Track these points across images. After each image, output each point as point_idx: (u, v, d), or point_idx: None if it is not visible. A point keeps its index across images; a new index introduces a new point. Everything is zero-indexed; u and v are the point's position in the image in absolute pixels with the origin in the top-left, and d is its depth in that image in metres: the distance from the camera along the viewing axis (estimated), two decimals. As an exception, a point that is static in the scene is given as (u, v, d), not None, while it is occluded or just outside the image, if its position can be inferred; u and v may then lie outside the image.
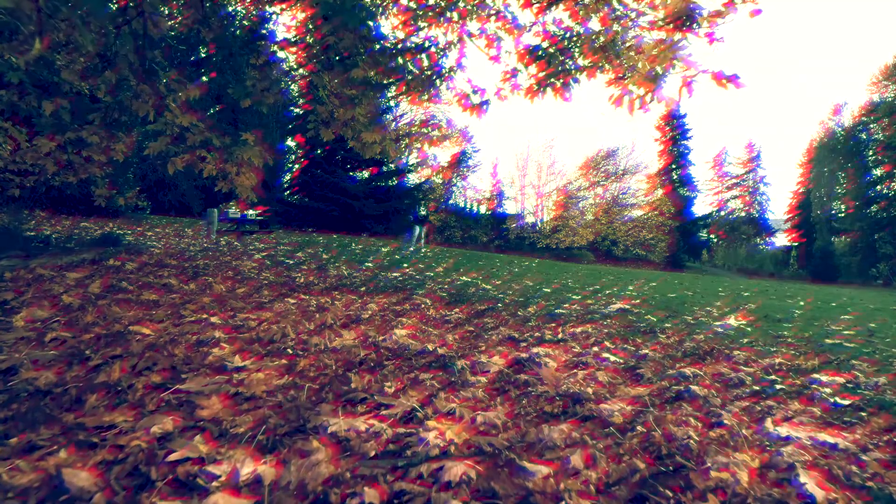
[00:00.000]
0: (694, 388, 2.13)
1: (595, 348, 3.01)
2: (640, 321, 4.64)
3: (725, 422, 1.74)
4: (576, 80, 4.57)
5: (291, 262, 7.32)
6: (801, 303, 8.29)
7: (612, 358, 2.79)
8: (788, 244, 37.45)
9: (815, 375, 2.87)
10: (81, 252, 4.69)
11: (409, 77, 4.77)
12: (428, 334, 3.01)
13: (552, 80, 4.63)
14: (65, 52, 5.49)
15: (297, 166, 28.55)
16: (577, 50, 4.28)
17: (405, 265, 8.90)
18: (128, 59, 5.29)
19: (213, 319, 2.67)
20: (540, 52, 4.46)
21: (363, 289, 5.00)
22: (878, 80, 33.32)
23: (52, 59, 5.35)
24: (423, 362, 2.28)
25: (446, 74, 4.69)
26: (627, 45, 3.80)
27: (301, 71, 6.42)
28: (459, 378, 2.07)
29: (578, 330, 3.65)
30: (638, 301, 6.40)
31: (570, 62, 4.37)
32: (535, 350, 2.80)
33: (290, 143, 27.77)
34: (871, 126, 33.57)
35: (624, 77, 3.64)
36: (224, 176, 6.41)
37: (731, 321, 5.20)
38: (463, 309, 4.26)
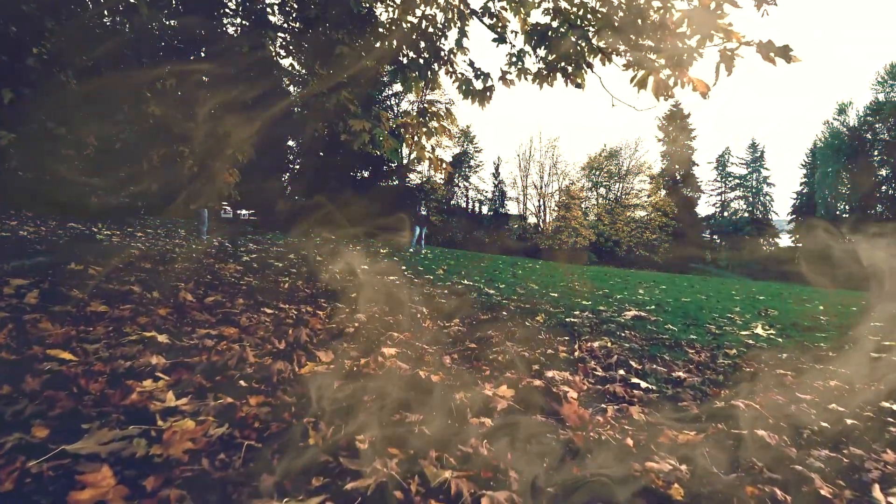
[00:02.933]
0: (760, 433, 1.66)
1: (621, 371, 2.54)
2: (662, 331, 4.16)
3: (823, 492, 1.27)
4: (589, 65, 4.11)
5: (280, 265, 6.85)
6: (821, 307, 7.80)
7: (643, 384, 2.32)
8: (792, 245, 36.91)
9: (885, 405, 2.40)
10: (38, 255, 4.22)
11: (404, 61, 4.30)
12: (422, 354, 2.54)
13: (563, 63, 4.17)
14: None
15: (296, 166, 28.10)
16: (591, 29, 3.82)
17: (403, 267, 8.43)
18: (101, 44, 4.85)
19: (160, 339, 2.20)
20: (550, 32, 3.99)
21: (354, 295, 4.53)
22: (884, 79, 32.83)
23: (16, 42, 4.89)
24: (412, 396, 1.81)
25: (445, 57, 4.22)
26: (650, 21, 3.34)
27: (290, 60, 5.97)
28: (457, 422, 1.60)
29: (596, 345, 3.17)
30: (653, 307, 5.92)
31: (584, 43, 3.90)
32: (549, 374, 2.33)
33: (290, 142, 27.32)
34: (877, 126, 33.07)
35: (648, 55, 3.16)
36: (206, 173, 5.95)
37: (759, 331, 4.72)
38: (463, 320, 3.79)
